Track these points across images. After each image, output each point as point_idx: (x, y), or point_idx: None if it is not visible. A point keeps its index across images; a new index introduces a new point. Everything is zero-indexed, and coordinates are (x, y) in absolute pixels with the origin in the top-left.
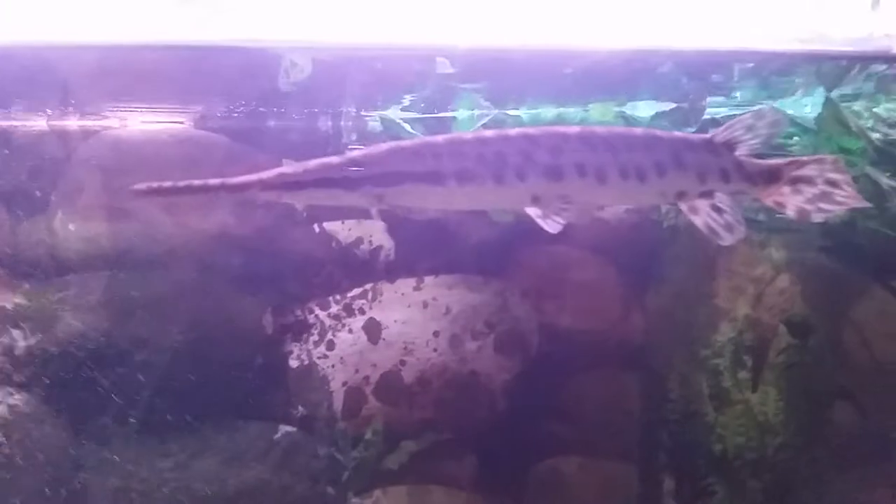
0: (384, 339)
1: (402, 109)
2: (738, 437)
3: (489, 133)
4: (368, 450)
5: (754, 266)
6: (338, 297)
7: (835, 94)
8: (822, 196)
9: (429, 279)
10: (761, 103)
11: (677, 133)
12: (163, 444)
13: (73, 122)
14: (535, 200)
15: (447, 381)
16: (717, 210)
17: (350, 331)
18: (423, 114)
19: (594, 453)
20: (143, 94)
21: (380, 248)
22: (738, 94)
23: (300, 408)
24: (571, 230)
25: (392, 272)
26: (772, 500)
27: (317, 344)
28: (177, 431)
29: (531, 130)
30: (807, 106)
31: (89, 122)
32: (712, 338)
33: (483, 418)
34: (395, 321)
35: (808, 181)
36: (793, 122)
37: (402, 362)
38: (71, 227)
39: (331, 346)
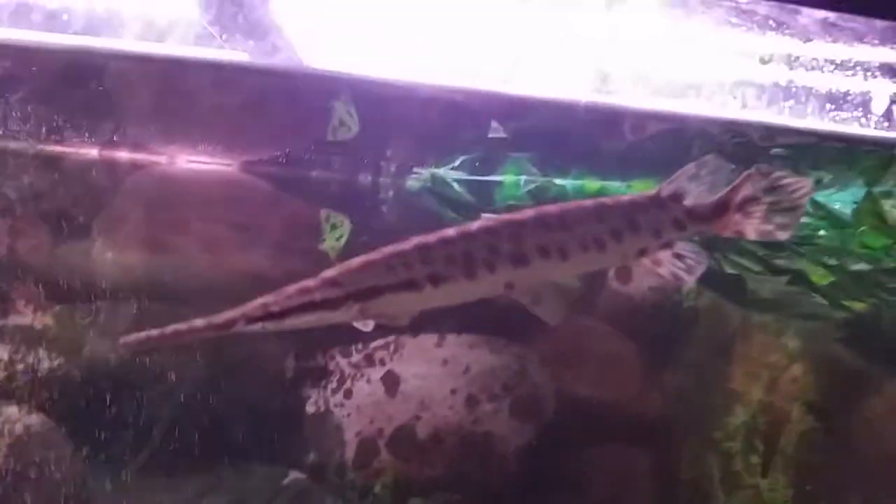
0: (402, 393)
1: (452, 169)
2: None
3: (452, 233)
4: (376, 503)
5: (769, 353)
6: (360, 346)
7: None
8: (771, 209)
9: (451, 336)
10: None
11: (624, 196)
12: (172, 479)
13: (122, 154)
14: (509, 287)
15: (460, 440)
16: (679, 257)
17: (368, 381)
18: (472, 175)
19: None
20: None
21: None
22: None
23: (312, 454)
24: (596, 303)
25: (416, 326)
26: None
27: (335, 392)
28: (187, 467)
29: (490, 223)
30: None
31: (138, 156)
32: (726, 420)
33: (493, 481)
34: (414, 375)
35: (753, 200)
36: (826, 213)
37: (418, 417)
38: (108, 254)
39: (348, 394)
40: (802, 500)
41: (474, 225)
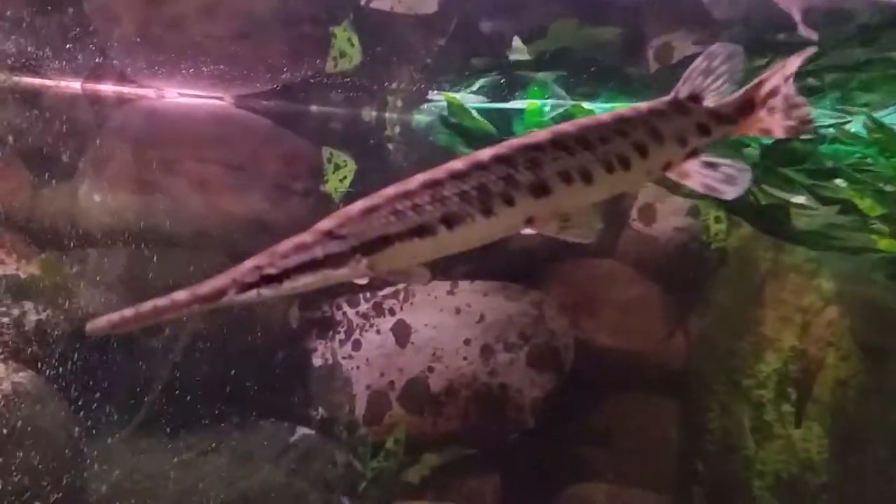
0: (413, 343)
1: (472, 93)
2: (779, 474)
3: (461, 165)
4: (389, 460)
5: (803, 296)
6: (368, 294)
7: None
8: (787, 101)
9: (464, 283)
10: None
11: (641, 105)
12: (171, 439)
13: (107, 87)
14: (530, 222)
15: (475, 393)
16: (710, 166)
17: (378, 331)
18: (490, 101)
19: (625, 481)
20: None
21: None
22: None
23: (320, 410)
24: (617, 245)
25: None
26: None
27: (343, 343)
28: (188, 425)
29: (502, 150)
30: None
31: (124, 89)
32: (756, 368)
33: (510, 435)
34: (426, 325)
35: (774, 93)
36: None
37: (430, 369)
38: (96, 197)
39: (357, 346)
40: (838, 452)
41: (485, 154)
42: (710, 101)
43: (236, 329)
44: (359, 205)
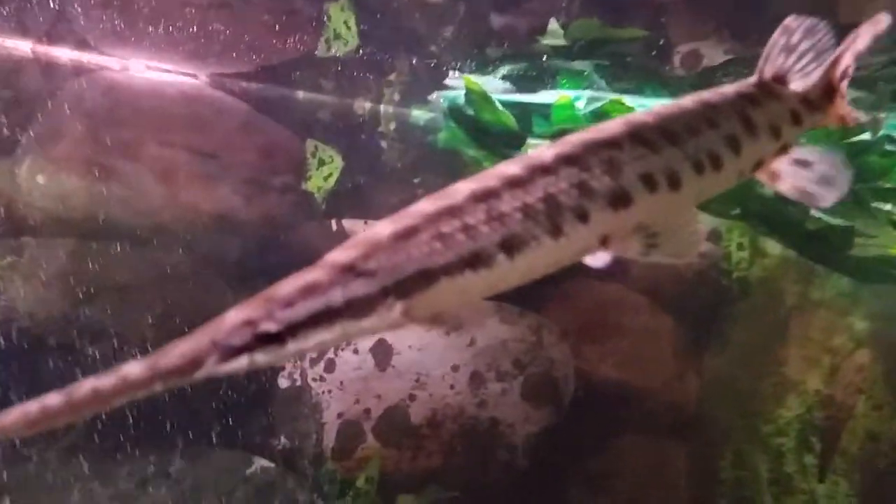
0: (394, 367)
1: (501, 78)
2: None
3: (517, 169)
4: (358, 500)
5: (832, 335)
6: None
7: None
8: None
9: None
10: None
11: (726, 88)
12: (105, 465)
13: (62, 53)
14: (605, 242)
15: (461, 427)
16: (803, 164)
17: (356, 351)
18: (518, 90)
19: None
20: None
21: None
22: None
23: (283, 439)
24: (627, 266)
25: None
26: None
27: (314, 363)
28: (127, 451)
29: (568, 148)
30: None
31: (83, 56)
32: (777, 413)
33: (499, 476)
34: (410, 347)
35: (847, 73)
36: None
37: (412, 397)
38: (39, 178)
39: (330, 367)
40: None
41: (546, 154)
42: (796, 84)
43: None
44: (387, 226)
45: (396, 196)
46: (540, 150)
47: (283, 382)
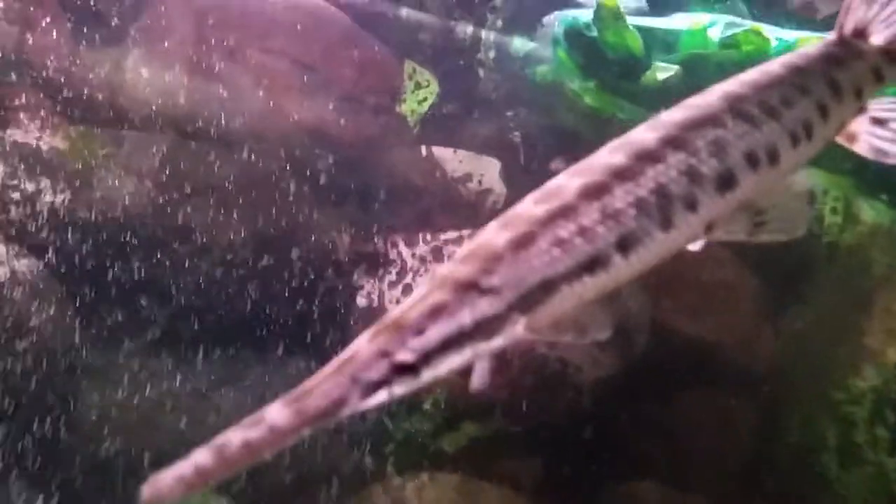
0: None
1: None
2: None
3: (620, 158)
4: (424, 423)
5: None
6: (428, 236)
7: None
8: None
9: None
10: None
11: (809, 50)
12: (184, 364)
13: None
14: (710, 230)
15: (529, 364)
16: (879, 123)
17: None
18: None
19: (683, 485)
20: None
21: (489, 191)
22: None
23: None
24: None
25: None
26: None
27: (392, 285)
28: (204, 351)
29: (669, 129)
30: None
31: None
32: (851, 382)
33: (562, 416)
34: None
35: None
36: None
37: None
38: (144, 72)
39: (407, 291)
40: None
41: (646, 137)
42: (877, 37)
43: (275, 249)
44: (500, 234)
45: (487, 128)
46: (639, 132)
47: (360, 301)
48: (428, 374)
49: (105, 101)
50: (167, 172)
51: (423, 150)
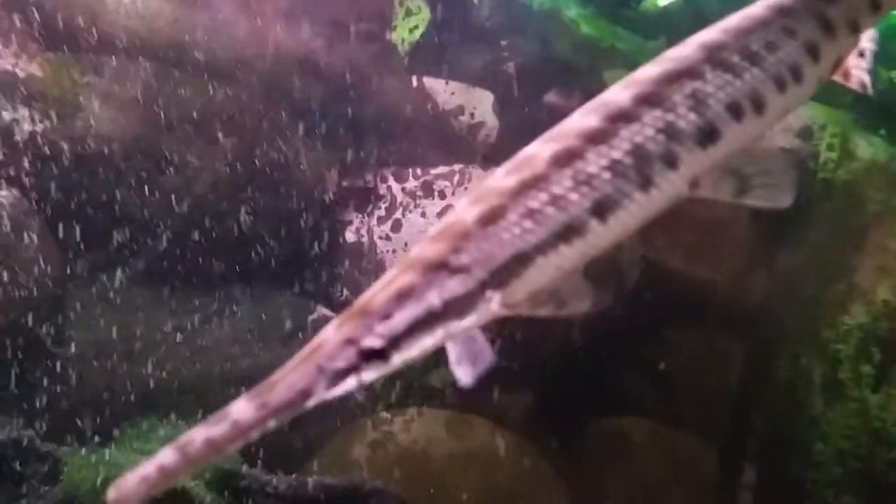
0: None
1: None
2: (845, 441)
3: (594, 121)
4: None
5: None
6: (418, 171)
7: None
8: None
9: None
10: None
11: None
12: (171, 298)
13: None
14: (695, 185)
15: None
16: (861, 55)
17: (423, 214)
18: None
19: (671, 422)
20: None
21: (482, 124)
22: None
23: (345, 291)
24: None
25: (488, 157)
26: None
27: (381, 221)
28: (192, 285)
29: (644, 87)
30: None
31: None
32: (840, 319)
33: (554, 352)
34: None
35: None
36: None
37: None
38: None
39: (397, 227)
40: None
41: (620, 97)
42: None
43: (264, 183)
44: (469, 209)
45: (480, 58)
46: (613, 91)
47: (349, 236)
48: (398, 358)
49: (85, 26)
50: (149, 102)
51: (414, 80)
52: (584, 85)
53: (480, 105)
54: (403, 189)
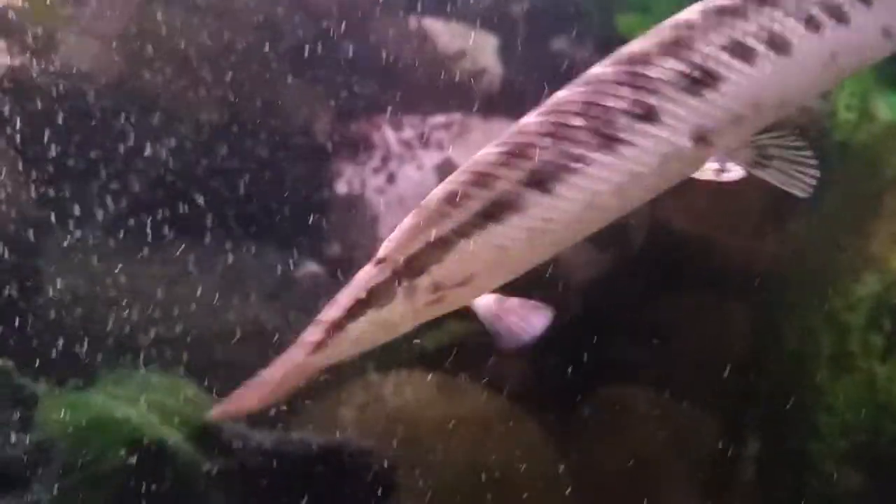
0: None
1: None
2: (850, 413)
3: (565, 91)
4: None
5: None
6: (415, 120)
7: None
8: None
9: None
10: None
11: None
12: (148, 249)
13: None
14: (703, 141)
15: None
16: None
17: (419, 167)
18: None
19: (671, 390)
20: None
21: (483, 71)
22: None
23: (335, 245)
24: None
25: (490, 107)
26: (868, 498)
27: (376, 172)
28: (169, 236)
29: (631, 50)
30: None
31: None
32: (850, 287)
33: (556, 315)
34: None
35: None
36: None
37: None
38: None
39: (391, 179)
40: None
41: (604, 73)
42: None
43: (251, 126)
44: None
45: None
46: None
47: (340, 188)
48: (333, 347)
49: None
50: (133, 37)
51: (413, 20)
52: (594, 29)
53: (484, 49)
54: (399, 139)
